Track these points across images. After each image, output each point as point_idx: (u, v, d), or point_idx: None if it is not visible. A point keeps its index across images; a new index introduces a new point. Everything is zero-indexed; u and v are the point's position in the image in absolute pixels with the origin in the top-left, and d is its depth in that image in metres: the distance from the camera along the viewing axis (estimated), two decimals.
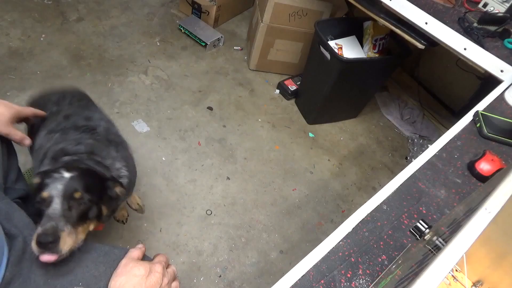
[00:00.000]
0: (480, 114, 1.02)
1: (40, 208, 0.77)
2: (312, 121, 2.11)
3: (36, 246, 0.68)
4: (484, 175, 0.86)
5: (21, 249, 0.66)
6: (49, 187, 0.78)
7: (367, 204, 0.79)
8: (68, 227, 0.75)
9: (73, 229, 0.76)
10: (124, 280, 0.66)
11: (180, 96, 2.04)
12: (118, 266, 0.69)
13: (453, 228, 0.55)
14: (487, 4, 1.41)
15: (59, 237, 0.71)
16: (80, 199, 0.79)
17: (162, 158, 1.74)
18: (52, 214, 0.75)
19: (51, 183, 0.78)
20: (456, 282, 0.52)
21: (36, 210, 0.78)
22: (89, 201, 0.81)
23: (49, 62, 1.99)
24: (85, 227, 0.81)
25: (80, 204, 0.79)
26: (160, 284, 0.67)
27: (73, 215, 0.77)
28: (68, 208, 0.77)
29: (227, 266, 1.46)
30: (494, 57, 1.19)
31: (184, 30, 2.37)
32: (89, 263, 0.71)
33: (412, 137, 2.17)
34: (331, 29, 1.88)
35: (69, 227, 0.75)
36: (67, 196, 0.78)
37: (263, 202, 1.70)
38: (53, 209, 0.75)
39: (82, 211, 0.80)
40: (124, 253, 0.73)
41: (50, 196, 0.77)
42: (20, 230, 0.69)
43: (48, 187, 0.78)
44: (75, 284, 0.67)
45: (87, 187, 0.81)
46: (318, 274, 0.66)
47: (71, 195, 0.78)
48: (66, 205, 0.77)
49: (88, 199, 0.81)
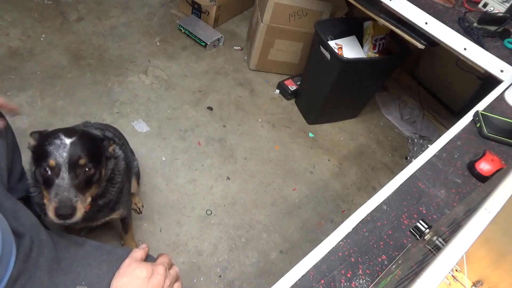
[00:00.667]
0: (480, 114, 1.02)
1: (46, 175, 0.80)
2: (312, 121, 2.11)
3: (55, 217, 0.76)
4: (484, 175, 0.86)
5: (28, 247, 0.66)
6: (54, 155, 0.80)
7: (367, 204, 0.79)
8: (79, 195, 0.80)
9: (83, 197, 0.82)
10: (126, 281, 0.66)
11: (180, 96, 2.04)
12: (121, 266, 0.69)
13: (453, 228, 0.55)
14: (487, 4, 1.41)
15: (76, 208, 0.78)
16: (85, 166, 0.82)
17: (162, 158, 1.74)
18: (62, 184, 0.79)
19: (54, 150, 0.80)
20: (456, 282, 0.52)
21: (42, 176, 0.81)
22: (92, 167, 0.85)
23: (49, 62, 1.99)
24: (91, 191, 0.86)
25: (85, 171, 0.83)
26: (162, 286, 0.68)
27: (81, 183, 0.82)
28: (75, 176, 0.81)
29: (227, 266, 1.46)
30: (494, 57, 1.19)
31: (184, 30, 2.37)
32: (92, 262, 0.71)
33: (412, 137, 2.17)
34: (331, 29, 1.88)
35: (79, 196, 0.80)
36: (72, 164, 0.80)
37: (263, 202, 1.70)
38: (63, 179, 0.79)
39: (87, 177, 0.83)
40: (127, 253, 0.73)
41: (58, 164, 0.79)
42: (27, 229, 0.69)
43: (53, 154, 0.80)
44: (78, 283, 0.67)
45: (88, 152, 0.84)
46: (318, 274, 0.66)
47: (76, 163, 0.81)
48: (74, 174, 0.80)
49: (92, 165, 0.84)
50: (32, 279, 0.63)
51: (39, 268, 0.65)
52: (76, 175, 0.81)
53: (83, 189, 0.82)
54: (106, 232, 1.46)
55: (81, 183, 0.82)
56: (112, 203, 1.04)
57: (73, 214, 0.78)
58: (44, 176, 0.81)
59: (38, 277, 0.64)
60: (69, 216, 0.77)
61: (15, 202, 0.75)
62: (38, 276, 0.64)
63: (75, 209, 0.78)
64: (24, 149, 1.58)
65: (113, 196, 1.01)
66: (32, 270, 0.64)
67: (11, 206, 0.73)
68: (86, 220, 1.01)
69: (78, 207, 0.79)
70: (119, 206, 1.09)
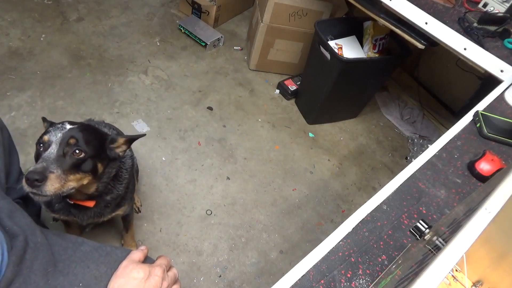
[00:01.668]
0: (480, 114, 1.02)
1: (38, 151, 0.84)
2: (312, 121, 2.11)
3: (25, 183, 0.75)
4: (484, 175, 0.86)
5: (22, 248, 0.65)
6: (50, 134, 0.84)
7: (367, 204, 0.79)
8: (58, 170, 0.79)
9: (63, 175, 0.80)
10: (123, 282, 0.65)
11: (180, 96, 2.04)
12: (118, 268, 0.69)
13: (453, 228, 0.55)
14: (487, 4, 1.41)
15: (47, 177, 0.76)
16: (75, 146, 0.83)
17: (162, 158, 1.74)
18: (46, 157, 0.80)
19: (53, 130, 0.85)
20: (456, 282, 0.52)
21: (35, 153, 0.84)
22: (83, 152, 0.84)
23: (49, 62, 1.99)
24: (77, 177, 0.84)
25: (74, 152, 0.83)
26: (159, 287, 0.67)
27: (66, 162, 0.82)
28: (62, 154, 0.82)
29: (227, 266, 1.46)
30: (494, 57, 1.19)
31: (184, 30, 2.37)
32: (90, 263, 0.70)
33: (412, 137, 2.17)
34: (331, 29, 1.88)
35: (59, 171, 0.79)
36: (63, 143, 0.83)
37: (263, 202, 1.70)
38: (49, 153, 0.81)
39: (75, 160, 0.83)
40: (126, 254, 0.72)
41: (49, 141, 0.83)
42: (21, 229, 0.69)
43: (49, 133, 0.84)
44: (76, 284, 0.67)
45: (84, 139, 0.85)
46: (318, 274, 0.66)
47: (67, 141, 0.83)
48: (61, 151, 0.82)
49: (84, 151, 0.84)
50: (27, 282, 0.63)
51: (34, 273, 0.64)
52: (63, 153, 0.82)
53: (66, 170, 0.81)
54: (106, 231, 1.46)
55: (66, 162, 0.82)
56: (119, 198, 1.06)
57: (41, 181, 0.75)
58: (37, 152, 0.84)
59: (34, 280, 0.63)
60: (36, 182, 0.74)
61: (11, 202, 0.75)
62: (33, 279, 0.64)
63: (45, 178, 0.76)
64: (23, 149, 1.59)
65: (121, 192, 1.03)
66: (26, 273, 0.63)
67: (6, 206, 0.72)
68: (94, 216, 1.03)
69: (49, 178, 0.77)
70: (124, 202, 1.11)
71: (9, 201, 0.75)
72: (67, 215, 1.01)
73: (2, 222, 0.68)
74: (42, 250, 0.68)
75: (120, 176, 1.03)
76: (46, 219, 1.39)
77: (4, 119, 1.52)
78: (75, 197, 0.96)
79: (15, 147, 1.09)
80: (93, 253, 0.73)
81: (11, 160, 1.04)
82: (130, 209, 1.23)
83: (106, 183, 0.97)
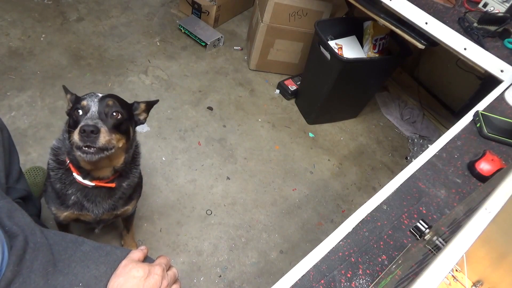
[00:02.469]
0: (480, 114, 1.02)
1: (77, 116, 0.88)
2: (312, 121, 2.11)
3: (79, 135, 0.80)
4: (484, 175, 0.86)
5: (22, 248, 0.65)
6: (87, 99, 0.89)
7: (367, 204, 0.79)
8: (106, 127, 0.85)
9: (109, 132, 0.86)
10: (123, 281, 0.65)
11: (180, 96, 2.04)
12: (118, 267, 0.69)
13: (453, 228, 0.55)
14: (487, 4, 1.41)
15: (99, 130, 0.82)
16: (112, 106, 0.89)
17: (162, 158, 1.74)
18: (91, 116, 0.86)
19: (87, 97, 0.90)
20: (456, 282, 0.52)
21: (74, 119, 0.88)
22: (120, 113, 0.90)
23: (49, 62, 1.99)
24: (117, 137, 0.89)
25: (113, 113, 0.89)
26: (159, 286, 0.67)
27: (109, 121, 0.88)
28: (104, 114, 0.88)
29: (227, 266, 1.46)
30: (494, 57, 1.19)
31: (184, 30, 2.37)
32: (90, 263, 0.70)
33: (412, 137, 2.17)
34: (331, 29, 1.88)
35: (106, 128, 0.85)
36: (102, 104, 0.89)
37: (263, 202, 1.70)
38: (92, 112, 0.87)
39: (116, 120, 0.89)
40: (125, 254, 0.72)
41: (88, 104, 0.88)
42: (21, 229, 0.69)
43: (86, 99, 0.89)
44: (75, 284, 0.67)
45: (118, 101, 0.93)
46: (318, 274, 0.66)
47: (105, 103, 0.89)
48: (102, 112, 0.88)
49: (120, 112, 0.90)
50: (27, 282, 0.63)
51: (34, 272, 0.64)
52: (104, 113, 0.88)
53: (111, 128, 0.86)
54: (106, 233, 1.45)
55: (108, 121, 0.87)
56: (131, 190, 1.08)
57: (96, 133, 0.81)
58: (76, 118, 0.87)
59: (33, 280, 0.63)
60: (91, 133, 0.80)
61: (11, 202, 0.75)
62: (33, 279, 0.64)
63: (98, 130, 0.81)
64: (23, 149, 1.58)
65: (135, 179, 1.06)
66: (26, 273, 0.63)
67: (6, 205, 0.72)
68: (108, 209, 1.05)
69: (102, 131, 0.82)
70: (134, 196, 1.14)
71: (9, 201, 0.75)
72: (80, 209, 1.02)
73: (1, 222, 0.68)
74: (42, 250, 0.68)
75: (136, 160, 1.07)
76: (46, 219, 1.39)
77: (4, 119, 1.52)
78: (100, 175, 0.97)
79: (15, 147, 1.09)
80: (93, 253, 0.73)
81: (11, 160, 1.04)
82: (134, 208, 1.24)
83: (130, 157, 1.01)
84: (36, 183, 1.40)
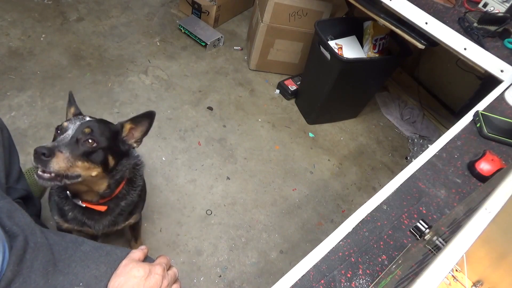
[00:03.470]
0: (480, 114, 1.02)
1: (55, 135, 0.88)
2: (312, 121, 2.11)
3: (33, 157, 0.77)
4: (484, 175, 0.86)
5: (22, 248, 0.65)
6: (70, 121, 0.89)
7: (367, 204, 0.79)
8: (67, 153, 0.81)
9: (71, 158, 0.81)
10: (123, 281, 0.65)
11: (180, 96, 2.04)
12: (118, 267, 0.69)
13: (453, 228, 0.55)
14: (487, 4, 1.41)
15: (54, 154, 0.78)
16: (88, 135, 0.86)
17: (162, 158, 1.74)
18: (60, 140, 0.83)
19: (73, 119, 0.90)
20: (456, 282, 0.52)
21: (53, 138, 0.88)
22: (96, 142, 0.86)
23: (49, 62, 1.99)
24: (85, 165, 0.85)
25: (87, 140, 0.85)
26: (159, 286, 0.67)
27: (78, 148, 0.84)
28: (76, 141, 0.84)
29: (227, 266, 1.46)
30: (494, 57, 1.19)
31: (184, 30, 2.37)
32: (90, 263, 0.70)
33: (412, 137, 2.17)
34: (331, 29, 1.88)
35: (68, 153, 0.81)
36: (79, 130, 0.86)
37: (263, 202, 1.70)
38: (63, 137, 0.84)
39: (87, 148, 0.85)
40: (125, 254, 0.72)
41: (67, 127, 0.87)
42: (21, 229, 0.69)
43: (70, 121, 0.89)
44: (76, 284, 0.67)
45: (99, 130, 0.89)
46: (318, 274, 0.66)
47: (82, 130, 0.86)
48: (75, 138, 0.84)
49: (96, 141, 0.87)
50: (27, 281, 0.63)
51: (34, 272, 0.64)
52: (77, 139, 0.84)
53: (76, 155, 0.83)
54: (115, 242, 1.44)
55: (77, 148, 0.84)
56: (132, 205, 1.06)
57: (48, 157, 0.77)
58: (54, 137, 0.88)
59: (34, 280, 0.63)
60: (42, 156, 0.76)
61: (11, 202, 0.75)
62: (34, 278, 0.64)
63: (52, 155, 0.78)
64: (23, 149, 1.59)
65: (134, 198, 1.04)
66: (26, 273, 0.63)
67: (6, 205, 0.72)
68: (109, 225, 1.04)
69: (57, 155, 0.78)
70: (136, 210, 1.12)
71: (9, 201, 0.75)
72: (81, 225, 1.01)
73: (2, 222, 0.68)
74: (42, 250, 0.68)
75: (135, 182, 1.05)
76: (46, 219, 1.39)
77: (4, 119, 1.52)
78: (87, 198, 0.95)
79: (15, 147, 1.09)
80: (93, 252, 0.73)
81: (11, 160, 1.04)
82: (140, 218, 1.24)
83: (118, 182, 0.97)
84: (36, 183, 1.40)
